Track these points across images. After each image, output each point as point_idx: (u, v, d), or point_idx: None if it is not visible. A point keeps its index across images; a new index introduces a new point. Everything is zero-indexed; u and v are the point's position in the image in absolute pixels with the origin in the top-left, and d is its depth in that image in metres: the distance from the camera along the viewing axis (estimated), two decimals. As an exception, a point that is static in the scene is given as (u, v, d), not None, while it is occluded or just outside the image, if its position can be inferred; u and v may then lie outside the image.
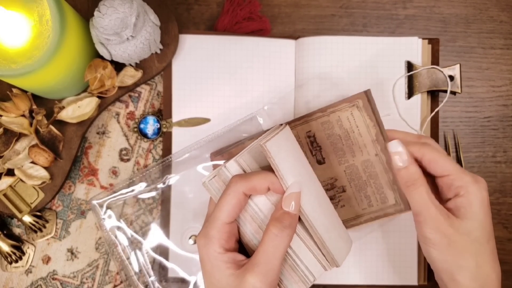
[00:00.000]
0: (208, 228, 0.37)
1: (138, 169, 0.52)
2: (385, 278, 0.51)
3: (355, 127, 0.44)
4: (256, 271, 0.35)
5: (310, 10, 0.54)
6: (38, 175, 0.49)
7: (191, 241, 0.51)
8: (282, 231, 0.35)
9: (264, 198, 0.38)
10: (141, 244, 0.51)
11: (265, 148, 0.36)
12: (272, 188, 0.37)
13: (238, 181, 0.36)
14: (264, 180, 0.36)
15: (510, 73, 0.54)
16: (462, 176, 0.39)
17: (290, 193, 0.36)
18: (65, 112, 0.48)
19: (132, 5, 0.43)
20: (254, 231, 0.38)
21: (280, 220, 0.36)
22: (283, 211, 0.36)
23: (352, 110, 0.44)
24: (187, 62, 0.52)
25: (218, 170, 0.39)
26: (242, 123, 0.51)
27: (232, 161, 0.38)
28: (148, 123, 0.52)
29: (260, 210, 0.38)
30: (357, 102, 0.43)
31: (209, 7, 0.54)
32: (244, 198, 0.37)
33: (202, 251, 0.37)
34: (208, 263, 0.36)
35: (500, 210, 0.54)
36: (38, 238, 0.52)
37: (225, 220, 0.36)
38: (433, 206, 0.38)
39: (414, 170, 0.39)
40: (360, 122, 0.44)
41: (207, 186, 0.39)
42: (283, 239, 0.36)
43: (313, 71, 0.51)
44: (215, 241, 0.36)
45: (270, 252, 0.35)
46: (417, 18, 0.54)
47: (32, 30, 0.41)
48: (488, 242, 0.39)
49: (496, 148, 0.54)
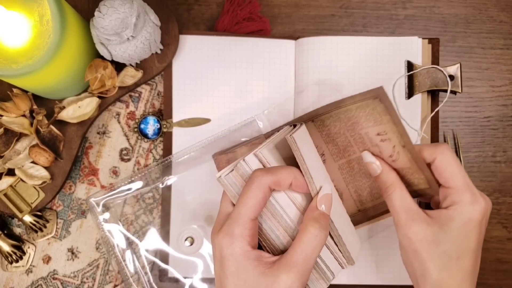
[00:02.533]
0: (233, 226, 0.34)
1: (138, 169, 0.53)
2: (385, 278, 0.51)
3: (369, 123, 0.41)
4: (293, 271, 0.33)
5: (310, 10, 0.55)
6: (39, 175, 0.49)
7: (187, 243, 0.50)
8: (321, 232, 0.35)
9: (283, 193, 0.37)
10: (138, 245, 0.51)
11: (293, 140, 0.35)
12: (295, 184, 0.36)
13: (264, 175, 0.35)
14: (289, 174, 0.35)
15: (510, 73, 0.54)
16: (461, 194, 0.38)
17: (324, 193, 0.36)
18: (65, 112, 0.48)
19: (133, 5, 0.43)
20: (275, 228, 0.37)
21: (319, 220, 0.35)
22: (320, 212, 0.36)
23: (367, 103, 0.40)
24: (188, 62, 0.52)
25: (236, 164, 0.37)
26: (241, 126, 0.51)
27: (252, 155, 0.37)
28: (149, 123, 0.52)
29: (280, 206, 0.37)
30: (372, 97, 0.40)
31: (209, 7, 0.54)
32: (269, 192, 0.35)
33: (227, 250, 0.34)
34: (233, 263, 0.34)
35: (500, 209, 0.54)
36: (39, 238, 0.52)
37: (250, 216, 0.34)
38: (404, 213, 0.38)
39: (386, 177, 0.39)
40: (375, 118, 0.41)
41: (223, 181, 0.37)
42: (321, 240, 0.35)
43: (313, 71, 0.51)
44: (241, 239, 0.34)
45: (308, 252, 0.34)
46: (417, 18, 0.55)
47: (32, 30, 0.41)
48: (459, 259, 0.37)
49: (496, 148, 0.54)
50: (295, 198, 0.37)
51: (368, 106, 0.39)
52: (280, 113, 0.51)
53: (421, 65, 0.51)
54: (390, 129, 0.39)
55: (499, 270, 0.53)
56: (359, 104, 0.39)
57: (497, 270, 0.53)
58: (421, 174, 0.40)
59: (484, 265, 0.53)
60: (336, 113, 0.41)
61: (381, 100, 0.37)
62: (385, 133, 0.39)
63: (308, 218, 0.36)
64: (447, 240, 0.37)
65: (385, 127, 0.39)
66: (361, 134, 0.41)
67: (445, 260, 0.37)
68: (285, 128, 0.43)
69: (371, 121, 0.39)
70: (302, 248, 0.34)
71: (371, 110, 0.39)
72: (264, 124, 0.51)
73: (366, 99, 0.38)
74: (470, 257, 0.38)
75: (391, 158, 0.40)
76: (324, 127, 0.43)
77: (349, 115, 0.40)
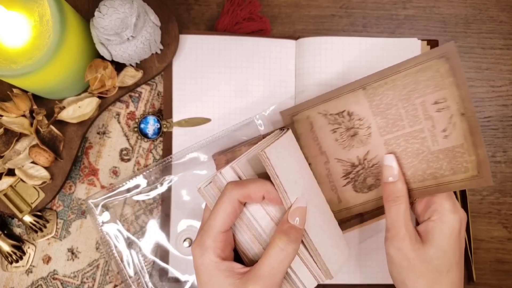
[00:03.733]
0: (204, 237, 0.36)
1: (138, 169, 0.53)
2: (385, 278, 0.51)
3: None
4: (259, 283, 0.34)
5: (310, 11, 0.55)
6: (39, 175, 0.49)
7: (186, 243, 0.51)
8: (288, 245, 0.35)
9: (259, 206, 0.37)
10: (137, 245, 0.51)
11: (263, 155, 0.35)
12: (268, 197, 0.36)
13: (233, 188, 0.35)
14: (260, 188, 0.36)
15: (510, 73, 0.54)
16: (443, 202, 0.39)
17: (297, 207, 0.36)
18: (65, 112, 0.48)
19: (133, 5, 0.43)
20: (250, 240, 0.37)
21: (287, 233, 0.35)
22: (290, 225, 0.36)
23: (430, 64, 0.38)
24: (188, 62, 0.52)
25: (214, 176, 0.38)
26: (240, 127, 0.51)
27: (228, 168, 0.37)
28: (149, 123, 0.52)
29: (255, 219, 0.37)
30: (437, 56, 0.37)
31: (209, 7, 0.54)
32: (239, 206, 0.36)
33: (198, 261, 0.36)
34: (205, 273, 0.35)
35: (500, 210, 0.54)
36: (39, 238, 0.52)
37: (220, 228, 0.35)
38: (403, 227, 0.39)
39: (400, 188, 0.40)
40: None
41: (202, 192, 0.38)
42: (288, 254, 0.35)
43: (313, 71, 0.51)
44: (210, 250, 0.35)
45: (275, 266, 0.35)
46: (417, 19, 0.55)
47: (32, 30, 0.41)
48: (448, 272, 0.39)
49: (496, 148, 0.54)
50: (270, 211, 0.37)
51: (431, 68, 0.37)
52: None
53: (421, 65, 0.51)
54: (451, 94, 0.37)
55: (499, 270, 0.54)
56: (421, 67, 0.38)
57: (497, 270, 0.53)
58: (472, 155, 0.39)
59: (484, 265, 0.53)
60: (392, 79, 0.39)
61: (447, 59, 0.36)
62: (444, 100, 0.38)
63: (277, 231, 0.36)
64: (438, 255, 0.39)
65: (445, 93, 0.38)
66: (416, 104, 0.39)
67: (437, 275, 0.39)
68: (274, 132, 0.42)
69: (431, 87, 0.38)
70: (269, 261, 0.35)
71: (433, 73, 0.37)
72: (264, 124, 0.51)
73: (430, 59, 0.37)
74: (456, 268, 0.39)
75: (444, 133, 0.39)
76: (375, 96, 0.41)
77: (407, 80, 0.39)
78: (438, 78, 0.37)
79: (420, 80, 0.38)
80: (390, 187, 0.40)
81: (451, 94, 0.37)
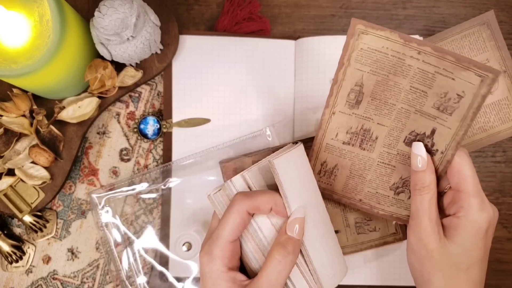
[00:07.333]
0: (212, 246, 0.36)
1: (138, 169, 0.53)
2: (385, 278, 0.51)
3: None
4: None
5: (310, 11, 0.55)
6: (39, 175, 0.49)
7: (184, 248, 0.51)
8: (285, 257, 0.35)
9: (265, 217, 0.37)
10: (137, 245, 0.51)
11: (272, 164, 0.35)
12: (275, 210, 0.36)
13: (243, 200, 0.36)
14: (269, 200, 0.36)
15: (509, 73, 0.54)
16: (471, 199, 0.38)
17: (295, 218, 0.36)
18: (65, 112, 0.48)
19: (133, 5, 0.43)
20: (253, 250, 0.37)
21: (284, 245, 0.36)
22: (287, 236, 0.36)
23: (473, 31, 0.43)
24: (187, 63, 0.52)
25: (223, 184, 0.38)
26: (249, 138, 0.51)
27: (239, 176, 0.38)
28: (148, 124, 0.52)
29: (260, 229, 0.37)
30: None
31: (209, 7, 0.54)
32: (248, 217, 0.36)
33: (205, 268, 0.36)
34: (210, 281, 0.36)
35: (500, 210, 0.54)
36: (39, 238, 0.52)
37: (229, 238, 0.36)
38: (427, 217, 0.38)
39: (428, 176, 0.39)
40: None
41: (212, 199, 0.39)
42: (286, 266, 0.35)
43: (313, 71, 0.51)
44: (218, 259, 0.36)
45: (273, 278, 0.35)
46: (417, 18, 0.55)
47: (32, 30, 0.41)
48: (468, 269, 0.38)
49: (496, 148, 0.54)
50: (276, 223, 0.37)
51: (474, 34, 0.45)
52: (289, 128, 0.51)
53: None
54: (493, 55, 0.44)
55: (499, 270, 0.54)
56: (465, 33, 0.45)
57: (497, 270, 0.54)
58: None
59: (484, 265, 0.53)
60: (439, 45, 0.42)
61: (488, 26, 0.43)
62: (487, 61, 0.45)
63: (275, 243, 0.36)
64: (459, 252, 0.38)
65: (488, 55, 0.44)
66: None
67: (455, 270, 0.38)
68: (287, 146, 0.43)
69: (475, 50, 0.45)
70: (267, 273, 0.35)
71: (477, 38, 0.45)
72: (273, 137, 0.51)
73: (474, 26, 0.44)
74: (478, 267, 0.38)
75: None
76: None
77: (453, 46, 0.45)
78: (481, 42, 0.45)
79: (465, 45, 0.45)
80: (420, 175, 0.39)
81: (493, 55, 0.44)
